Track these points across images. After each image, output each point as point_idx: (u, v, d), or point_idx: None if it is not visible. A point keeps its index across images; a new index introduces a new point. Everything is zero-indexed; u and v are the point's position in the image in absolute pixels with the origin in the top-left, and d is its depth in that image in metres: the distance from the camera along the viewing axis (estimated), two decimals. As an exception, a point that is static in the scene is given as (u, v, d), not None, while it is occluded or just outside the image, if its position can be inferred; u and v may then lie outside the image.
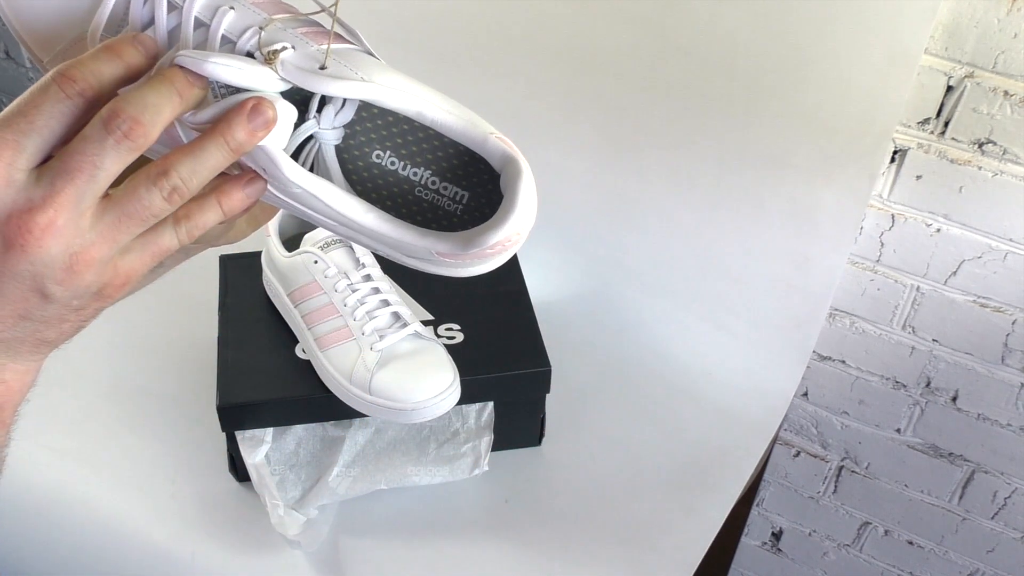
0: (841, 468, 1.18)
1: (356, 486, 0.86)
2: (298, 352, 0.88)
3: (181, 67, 0.41)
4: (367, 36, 0.48)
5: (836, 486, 1.20)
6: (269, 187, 0.46)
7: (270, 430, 0.86)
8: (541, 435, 0.95)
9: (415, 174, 0.48)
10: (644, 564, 0.86)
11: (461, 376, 0.83)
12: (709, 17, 0.89)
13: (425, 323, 0.91)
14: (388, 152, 0.48)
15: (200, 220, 0.43)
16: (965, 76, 0.83)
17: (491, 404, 0.89)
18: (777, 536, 1.32)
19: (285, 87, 0.44)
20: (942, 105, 0.86)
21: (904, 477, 1.14)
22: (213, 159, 0.41)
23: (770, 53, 0.88)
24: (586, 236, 1.09)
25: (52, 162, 0.39)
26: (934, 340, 1.00)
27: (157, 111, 0.39)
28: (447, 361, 0.84)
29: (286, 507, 0.85)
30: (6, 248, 0.38)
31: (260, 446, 0.85)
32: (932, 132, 0.88)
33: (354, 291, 0.85)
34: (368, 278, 0.86)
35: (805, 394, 1.13)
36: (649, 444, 0.96)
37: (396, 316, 0.85)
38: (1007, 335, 0.96)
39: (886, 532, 1.21)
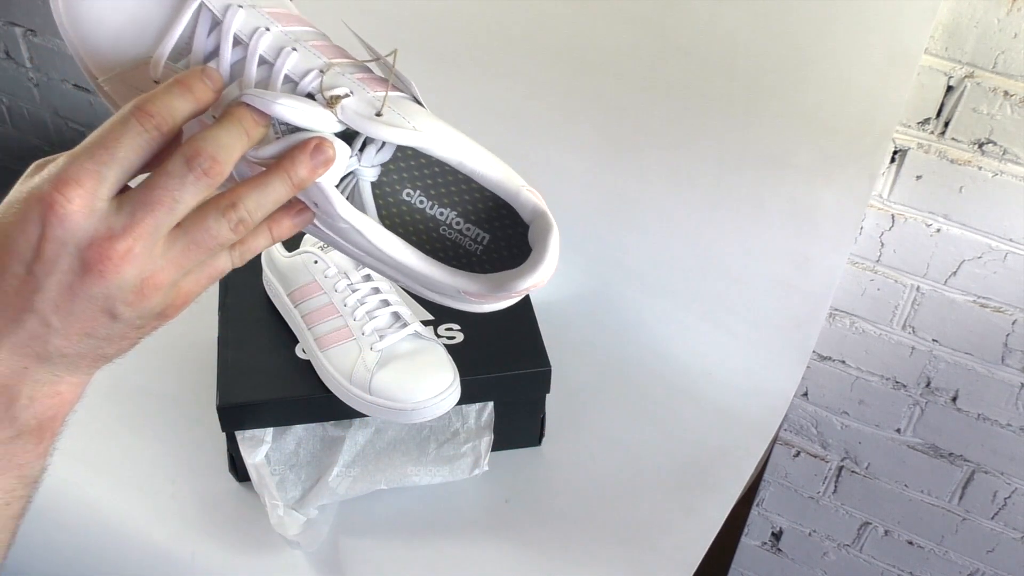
0: (841, 468, 1.18)
1: (356, 486, 0.86)
2: (298, 352, 0.88)
3: (247, 105, 0.44)
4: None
5: (836, 486, 1.20)
6: (315, 219, 0.48)
7: (270, 430, 0.86)
8: (541, 435, 0.95)
9: (442, 214, 0.51)
10: (644, 564, 0.86)
11: (461, 376, 0.83)
12: (709, 17, 0.89)
13: (425, 323, 0.91)
14: (418, 191, 0.51)
15: (253, 245, 0.46)
16: (965, 76, 0.83)
17: (491, 404, 0.89)
18: (777, 536, 1.32)
19: (341, 129, 0.46)
20: (942, 105, 0.86)
21: (904, 477, 1.14)
22: (276, 193, 0.44)
23: (770, 53, 0.88)
24: (586, 236, 1.09)
25: (133, 193, 0.41)
26: (934, 340, 1.00)
27: (231, 150, 0.43)
28: (447, 361, 0.84)
29: (286, 507, 0.85)
30: (84, 272, 0.41)
31: (260, 446, 0.85)
32: (932, 132, 0.88)
33: (354, 291, 0.85)
34: (368, 278, 0.86)
35: (805, 394, 1.13)
36: (649, 444, 0.96)
37: (396, 316, 0.85)
38: (1007, 335, 0.96)
39: (886, 532, 1.21)
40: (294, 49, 0.47)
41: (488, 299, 0.51)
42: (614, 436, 0.97)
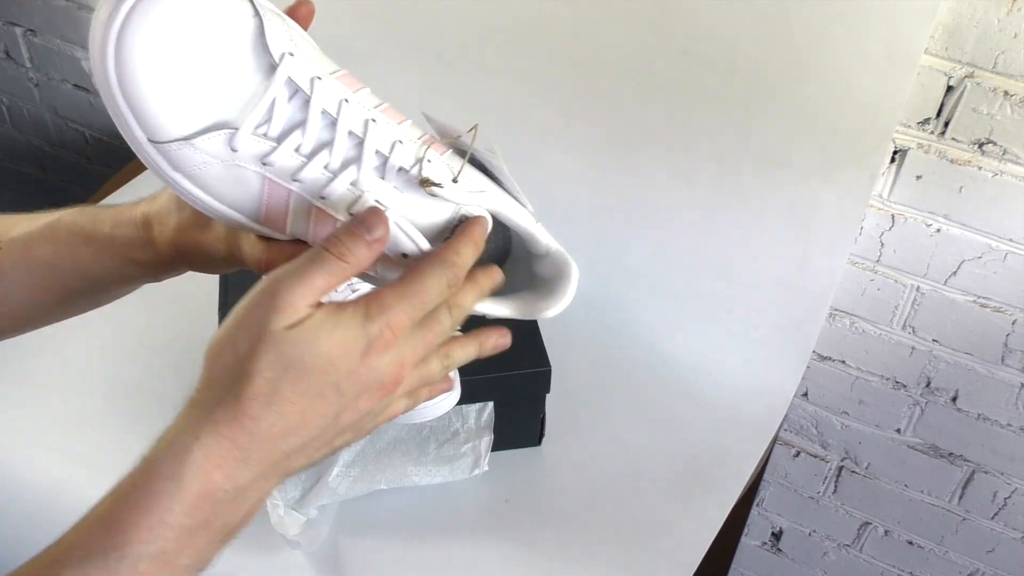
0: (841, 468, 1.18)
1: (356, 486, 0.86)
2: (298, 352, 0.88)
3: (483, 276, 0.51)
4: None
5: (836, 486, 1.20)
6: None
7: (270, 430, 0.86)
8: (541, 435, 0.95)
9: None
10: (644, 564, 0.86)
11: (461, 376, 0.83)
12: (709, 17, 0.89)
13: (425, 323, 0.91)
14: None
15: (460, 355, 0.52)
16: (965, 76, 0.83)
17: (491, 404, 0.89)
18: (777, 536, 1.32)
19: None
20: (942, 105, 0.86)
21: (904, 477, 1.14)
22: (473, 355, 0.53)
23: (770, 53, 0.88)
24: (586, 236, 1.09)
25: (416, 330, 0.48)
26: (934, 340, 1.00)
27: (465, 313, 0.50)
28: (447, 361, 0.83)
29: (286, 507, 0.85)
30: (367, 389, 0.46)
31: (260, 446, 0.85)
32: (932, 132, 0.88)
33: (354, 291, 0.85)
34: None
35: (805, 394, 1.13)
36: (649, 444, 0.96)
37: (396, 316, 0.85)
38: (1007, 335, 0.96)
39: (886, 532, 1.21)
40: (373, 120, 0.47)
41: (507, 316, 0.54)
42: (614, 436, 0.97)
